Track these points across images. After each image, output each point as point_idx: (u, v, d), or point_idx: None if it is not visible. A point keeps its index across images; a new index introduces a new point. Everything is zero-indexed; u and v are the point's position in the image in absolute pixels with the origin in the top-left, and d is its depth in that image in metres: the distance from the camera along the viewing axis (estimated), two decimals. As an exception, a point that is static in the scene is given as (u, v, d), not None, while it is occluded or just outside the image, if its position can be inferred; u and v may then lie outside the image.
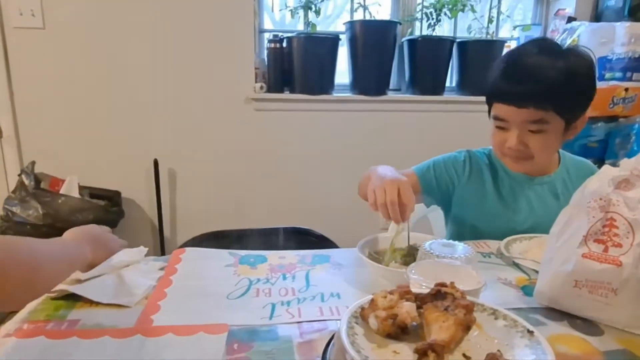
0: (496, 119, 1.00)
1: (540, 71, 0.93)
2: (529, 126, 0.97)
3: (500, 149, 1.04)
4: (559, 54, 0.95)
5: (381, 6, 2.40)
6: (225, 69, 2.19)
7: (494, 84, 0.99)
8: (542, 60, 0.93)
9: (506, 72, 0.96)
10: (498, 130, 1.02)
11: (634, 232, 0.63)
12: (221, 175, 2.29)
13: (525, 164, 1.04)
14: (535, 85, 0.93)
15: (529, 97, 0.94)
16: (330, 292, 0.77)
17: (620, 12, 2.34)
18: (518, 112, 0.95)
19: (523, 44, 1.05)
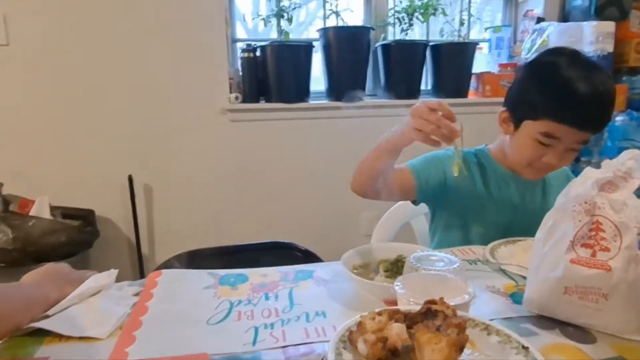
0: (547, 137, 0.98)
1: (602, 97, 0.94)
2: (575, 145, 0.99)
3: (532, 162, 1.03)
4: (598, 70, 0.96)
5: (353, 12, 2.39)
6: (199, 80, 2.15)
7: (552, 105, 0.96)
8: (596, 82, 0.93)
9: (570, 97, 0.94)
10: (539, 145, 0.99)
11: (621, 235, 0.62)
12: (199, 189, 2.23)
13: (545, 173, 1.08)
14: (597, 114, 0.95)
15: (596, 122, 0.97)
16: (315, 310, 0.74)
17: (587, 11, 2.39)
18: (576, 134, 0.96)
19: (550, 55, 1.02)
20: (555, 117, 0.95)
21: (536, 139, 0.99)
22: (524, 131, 1.02)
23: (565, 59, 0.97)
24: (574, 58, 0.97)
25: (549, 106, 0.96)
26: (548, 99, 0.96)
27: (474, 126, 2.50)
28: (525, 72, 1.05)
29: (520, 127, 1.03)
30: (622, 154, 0.67)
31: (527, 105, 1.00)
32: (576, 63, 0.96)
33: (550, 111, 0.96)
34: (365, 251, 0.89)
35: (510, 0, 2.76)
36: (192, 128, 2.18)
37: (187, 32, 2.11)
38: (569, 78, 0.94)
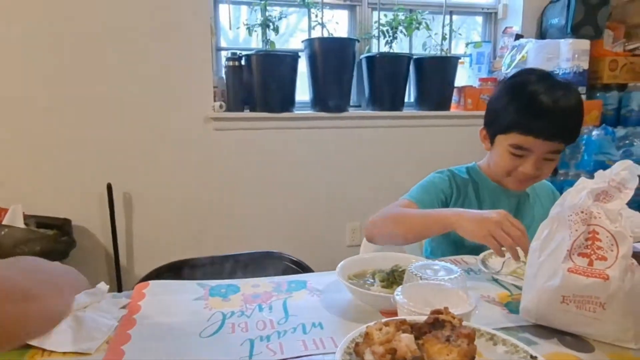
0: (517, 148, 1.03)
1: (565, 110, 0.99)
2: (547, 155, 1.03)
3: (509, 172, 1.07)
4: (564, 86, 1.02)
5: (338, 24, 2.41)
6: (183, 88, 2.12)
7: (517, 118, 1.01)
8: (558, 95, 0.99)
9: (532, 108, 0.99)
10: (512, 156, 1.04)
11: (617, 245, 0.63)
12: (181, 199, 2.18)
13: (527, 184, 1.11)
14: (564, 124, 1.00)
15: (558, 134, 1.00)
16: (312, 322, 0.72)
17: (564, 29, 2.47)
18: (544, 144, 1.00)
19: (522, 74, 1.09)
20: (521, 129, 1.01)
21: (508, 151, 1.04)
22: (498, 145, 1.08)
23: (534, 77, 1.04)
24: (543, 76, 1.04)
25: (515, 119, 1.02)
26: (514, 112, 1.02)
27: (456, 138, 2.56)
28: (498, 91, 1.12)
29: (495, 142, 1.09)
30: (616, 165, 0.68)
31: (498, 120, 1.07)
32: (544, 80, 1.02)
33: (516, 124, 1.01)
34: (359, 261, 0.88)
35: (489, 17, 2.83)
36: (175, 136, 2.14)
37: (172, 40, 2.08)
38: (534, 91, 1.00)
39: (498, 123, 1.07)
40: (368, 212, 2.11)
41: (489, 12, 2.82)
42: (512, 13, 2.73)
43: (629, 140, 2.26)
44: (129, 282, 2.11)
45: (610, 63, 2.47)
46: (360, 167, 2.42)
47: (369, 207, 2.34)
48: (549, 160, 1.04)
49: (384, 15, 2.46)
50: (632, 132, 2.28)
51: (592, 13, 2.42)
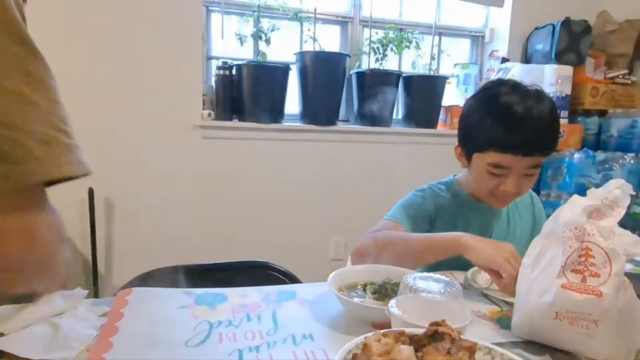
0: (496, 167, 0.99)
1: (540, 121, 0.96)
2: (528, 171, 1.00)
3: (491, 192, 1.04)
4: (536, 95, 0.99)
5: (330, 39, 2.44)
6: (172, 94, 2.10)
7: (493, 135, 0.98)
8: (531, 105, 0.95)
9: (507, 123, 0.96)
10: (492, 176, 1.01)
11: (611, 262, 0.63)
12: (165, 206, 2.14)
13: (510, 200, 1.09)
14: (541, 136, 0.97)
15: (537, 148, 0.97)
16: (302, 333, 0.70)
17: (548, 55, 2.54)
18: (522, 160, 0.97)
19: (492, 87, 1.05)
20: (498, 146, 0.97)
21: (487, 170, 1.01)
22: (475, 164, 1.04)
23: (506, 88, 1.01)
24: (513, 87, 1.00)
25: (491, 136, 0.98)
26: (489, 128, 0.98)
27: (442, 156, 2.58)
28: (469, 105, 1.07)
29: (472, 160, 1.05)
30: (609, 183, 0.69)
31: (474, 138, 1.03)
32: (515, 90, 0.99)
33: (493, 142, 0.98)
34: (350, 272, 0.87)
35: (477, 40, 2.90)
36: (162, 142, 2.11)
37: (163, 46, 2.06)
38: (507, 103, 0.96)
39: (474, 141, 1.03)
40: (352, 227, 2.11)
41: (476, 35, 2.89)
42: (499, 37, 2.80)
43: (609, 164, 2.32)
44: (107, 290, 2.04)
45: (592, 90, 2.54)
46: (346, 182, 2.42)
47: (353, 221, 2.36)
48: (529, 175, 1.01)
49: (375, 33, 2.49)
50: (611, 156, 2.34)
51: (575, 41, 2.50)
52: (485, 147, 1.00)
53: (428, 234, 0.99)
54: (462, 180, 1.17)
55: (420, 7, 2.72)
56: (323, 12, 2.44)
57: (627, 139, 2.40)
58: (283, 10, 2.31)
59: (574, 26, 2.49)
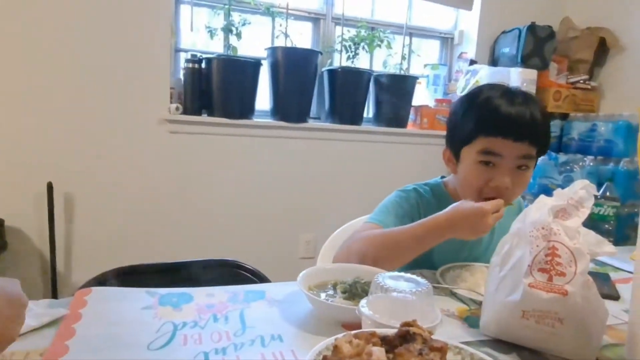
0: (486, 154, 0.95)
1: (529, 106, 0.94)
2: (519, 162, 0.96)
3: (481, 189, 0.98)
4: (527, 95, 0.98)
5: (302, 35, 2.42)
6: (137, 86, 2.03)
7: (480, 120, 0.96)
8: (521, 97, 0.95)
9: (493, 107, 0.94)
10: (483, 167, 0.97)
11: (576, 261, 0.64)
12: (129, 202, 2.07)
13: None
14: (531, 120, 0.94)
15: (529, 132, 0.94)
16: (271, 334, 0.69)
17: (514, 58, 2.61)
18: (514, 146, 0.94)
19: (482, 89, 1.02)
20: (486, 131, 0.95)
21: (477, 160, 0.97)
22: (464, 160, 1.01)
23: (487, 86, 1.02)
24: (495, 87, 1.00)
25: (478, 124, 0.96)
26: (475, 118, 0.97)
27: (412, 155, 2.61)
28: (454, 106, 1.07)
29: (460, 157, 1.02)
30: (575, 184, 0.70)
31: (460, 132, 1.01)
32: (496, 88, 0.99)
33: (480, 128, 0.96)
34: (319, 271, 0.85)
35: (446, 42, 2.95)
36: (126, 135, 2.04)
37: (129, 36, 1.99)
38: (490, 96, 0.96)
39: (460, 135, 1.00)
40: (322, 225, 2.10)
41: (445, 37, 2.93)
42: (467, 40, 2.85)
43: (570, 166, 2.40)
44: (66, 291, 1.96)
45: (555, 93, 2.63)
46: (316, 179, 2.41)
47: (324, 219, 2.35)
48: (521, 168, 0.96)
49: (347, 31, 2.49)
50: (572, 158, 2.43)
51: (540, 46, 2.58)
52: (473, 135, 0.97)
53: (411, 225, 0.94)
54: (449, 184, 1.14)
55: (391, 7, 2.74)
56: (295, 7, 2.42)
57: (587, 142, 2.49)
58: (255, 5, 2.27)
59: (539, 31, 2.57)
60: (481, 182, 0.98)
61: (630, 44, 2.60)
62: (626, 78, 2.63)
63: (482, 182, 0.97)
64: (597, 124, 2.45)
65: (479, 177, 0.98)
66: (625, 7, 2.61)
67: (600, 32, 2.67)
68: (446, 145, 1.08)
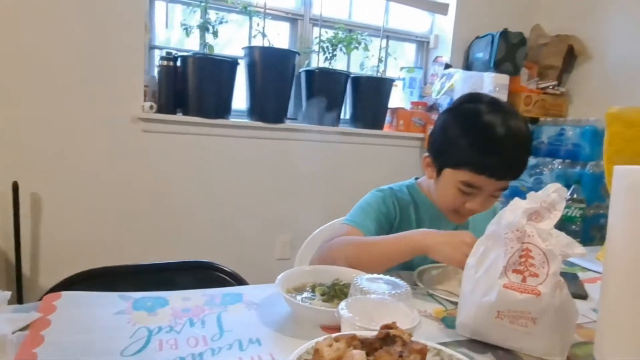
0: (467, 186, 0.98)
1: (519, 146, 0.96)
2: (496, 192, 1.00)
3: (456, 208, 1.03)
4: (514, 115, 0.99)
5: (279, 35, 2.41)
6: (109, 83, 1.97)
7: (470, 155, 0.96)
8: (511, 128, 0.95)
9: (487, 145, 0.95)
10: (461, 194, 1.00)
11: (548, 262, 0.66)
12: (100, 202, 2.01)
13: (468, 217, 1.08)
14: (515, 163, 0.98)
15: (510, 173, 0.98)
16: (249, 338, 0.68)
17: (487, 63, 2.67)
18: (495, 183, 0.97)
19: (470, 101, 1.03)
20: (474, 167, 0.96)
21: (457, 187, 0.99)
22: (445, 179, 1.02)
23: (485, 106, 0.99)
24: (493, 105, 0.99)
25: (469, 156, 0.96)
26: (468, 147, 0.96)
27: (388, 157, 2.64)
28: (447, 119, 1.05)
29: (442, 174, 1.03)
30: (547, 187, 0.72)
31: (449, 153, 1.01)
32: (495, 110, 0.97)
33: (469, 161, 0.96)
34: (298, 273, 0.85)
35: (422, 45, 2.99)
36: (97, 134, 1.98)
37: (102, 31, 1.94)
38: (489, 123, 0.95)
39: (449, 156, 1.01)
40: (299, 226, 2.09)
41: (421, 40, 2.97)
42: (443, 44, 2.90)
43: (540, 169, 2.48)
44: (33, 295, 1.88)
45: (525, 98, 2.70)
46: (293, 180, 2.40)
47: (300, 220, 2.33)
48: (495, 197, 1.01)
49: (325, 32, 2.49)
50: (542, 162, 2.50)
51: (512, 51, 2.65)
52: (460, 165, 0.98)
53: (386, 239, 0.96)
54: (423, 185, 1.16)
55: (369, 10, 2.76)
56: (273, 7, 2.41)
57: (555, 145, 2.57)
58: (232, 3, 2.25)
59: (511, 37, 2.64)
60: (457, 205, 1.03)
61: (596, 52, 2.70)
62: (593, 84, 2.73)
63: (458, 205, 1.03)
64: (565, 129, 2.53)
65: (456, 200, 1.02)
66: (592, 16, 2.71)
67: (568, 40, 2.76)
68: (429, 153, 1.09)
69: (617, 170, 0.64)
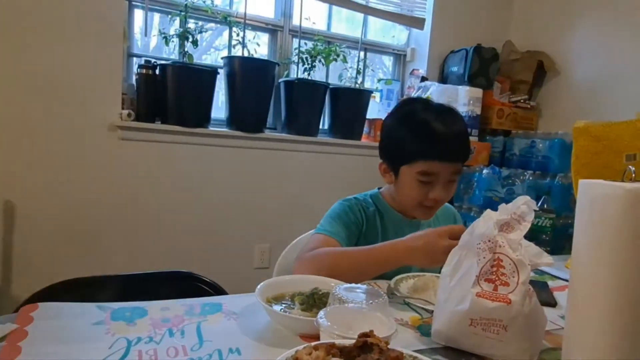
0: (425, 175, 1.06)
1: (459, 130, 1.08)
2: (451, 177, 1.08)
3: (421, 201, 1.10)
4: (448, 110, 1.10)
5: (259, 45, 2.43)
6: (87, 90, 1.95)
7: (417, 146, 1.06)
8: (446, 118, 1.06)
9: (429, 136, 1.05)
10: (422, 184, 1.07)
11: (518, 272, 0.69)
12: (75, 211, 1.97)
13: (435, 210, 1.15)
14: (463, 143, 1.09)
15: (460, 153, 1.08)
16: (229, 347, 0.68)
17: (462, 77, 2.75)
18: (449, 167, 1.06)
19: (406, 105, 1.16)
20: (425, 156, 1.05)
21: (417, 179, 1.07)
22: (403, 177, 1.10)
23: (419, 105, 1.12)
24: (425, 104, 1.12)
25: (417, 148, 1.06)
26: (414, 141, 1.07)
27: (366, 167, 2.67)
28: (390, 123, 1.15)
29: (399, 174, 1.11)
30: (517, 199, 0.75)
31: (399, 152, 1.10)
32: (428, 108, 1.10)
33: (419, 152, 1.06)
34: (277, 283, 0.86)
35: (399, 58, 3.06)
36: (73, 141, 1.95)
37: (80, 38, 1.92)
38: (426, 115, 1.07)
39: (400, 155, 1.10)
40: (277, 235, 2.10)
41: (398, 53, 3.04)
42: (419, 57, 2.98)
43: (512, 180, 2.55)
44: (6, 307, 1.82)
45: (498, 111, 2.79)
46: (272, 189, 2.41)
47: (279, 229, 2.35)
48: (452, 182, 1.10)
49: (304, 43, 2.53)
50: (514, 173, 2.58)
51: (485, 66, 2.74)
52: (412, 159, 1.06)
53: (367, 250, 0.98)
54: (385, 194, 1.21)
55: (347, 22, 2.81)
56: (253, 18, 2.43)
57: (527, 157, 2.66)
58: (212, 13, 2.26)
59: (484, 52, 2.73)
60: (421, 197, 1.09)
61: (564, 68, 2.82)
62: (561, 99, 2.84)
63: (422, 197, 1.09)
64: (535, 141, 2.62)
65: (419, 193, 1.09)
66: (561, 33, 2.83)
67: (538, 56, 2.87)
68: (382, 159, 1.16)
69: (581, 184, 0.68)
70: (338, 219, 1.12)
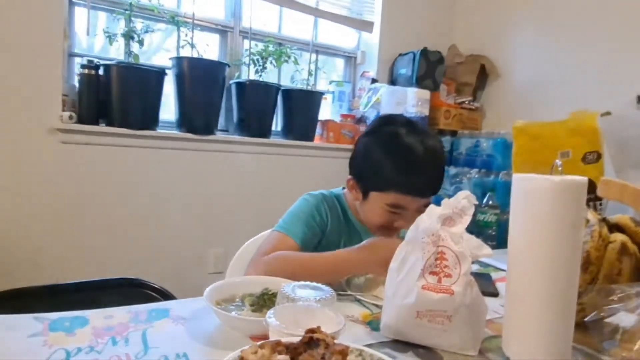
0: (396, 207, 1.02)
1: (438, 163, 1.04)
2: (421, 209, 1.01)
3: (384, 226, 1.06)
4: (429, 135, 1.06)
5: (209, 46, 2.39)
6: (24, 91, 1.84)
7: (395, 178, 1.01)
8: (429, 147, 1.01)
9: (410, 167, 1.01)
10: (389, 213, 1.04)
11: (460, 263, 0.72)
12: (14, 219, 1.86)
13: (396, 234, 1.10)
14: (437, 180, 1.05)
15: (432, 189, 1.04)
16: (176, 352, 0.67)
17: (410, 79, 2.84)
18: (419, 201, 1.01)
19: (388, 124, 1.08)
20: (401, 189, 1.00)
21: (385, 209, 1.03)
22: (372, 201, 1.06)
23: (402, 128, 1.04)
24: (409, 126, 1.05)
25: (394, 179, 1.01)
26: (393, 170, 1.01)
27: (319, 168, 2.69)
28: (368, 142, 1.08)
29: (368, 197, 1.06)
30: (458, 194, 0.79)
31: (374, 177, 1.05)
32: (413, 131, 1.04)
33: (396, 184, 1.00)
34: (227, 285, 0.85)
35: (350, 61, 3.11)
36: (9, 145, 1.83)
37: (15, 37, 1.80)
38: (409, 145, 1.01)
39: (374, 181, 1.05)
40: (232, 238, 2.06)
41: (349, 56, 3.09)
42: (369, 59, 3.04)
43: (459, 178, 2.66)
44: None
45: (445, 112, 2.89)
46: (225, 192, 2.37)
47: (233, 232, 2.31)
48: (421, 212, 1.04)
49: (255, 45, 2.51)
50: (461, 171, 2.68)
51: (431, 69, 2.84)
52: (386, 188, 1.02)
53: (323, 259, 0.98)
54: (348, 198, 1.18)
55: (298, 24, 2.82)
56: (201, 18, 2.39)
57: (472, 156, 2.78)
58: (158, 12, 2.20)
59: (430, 56, 2.83)
60: (385, 225, 1.06)
61: (505, 71, 2.97)
62: (502, 100, 2.99)
63: (387, 224, 1.06)
64: (480, 141, 2.74)
65: (385, 220, 1.05)
66: (501, 38, 2.98)
67: (481, 60, 3.01)
68: (352, 175, 1.11)
69: (514, 178, 0.72)
70: (301, 217, 1.09)
